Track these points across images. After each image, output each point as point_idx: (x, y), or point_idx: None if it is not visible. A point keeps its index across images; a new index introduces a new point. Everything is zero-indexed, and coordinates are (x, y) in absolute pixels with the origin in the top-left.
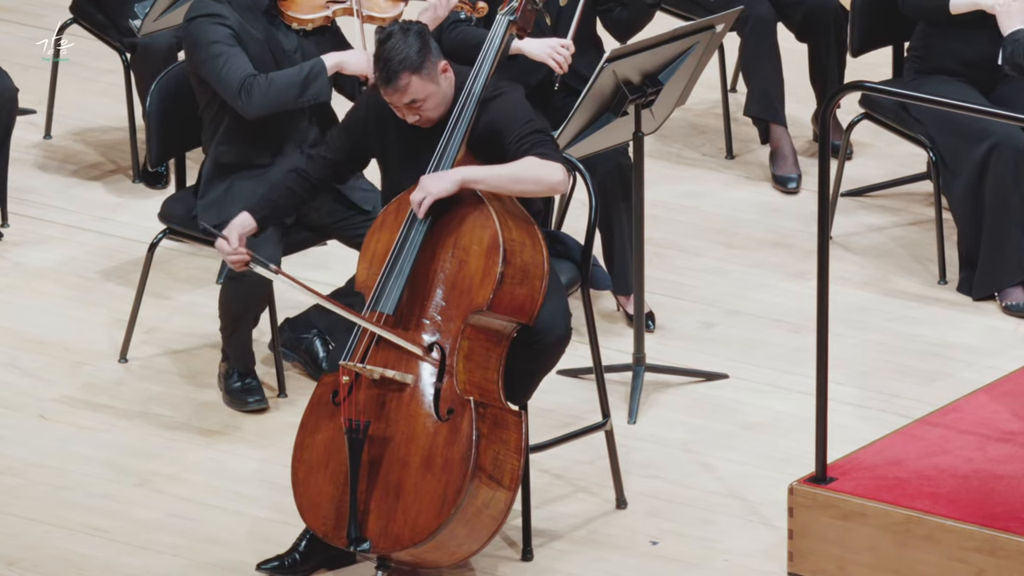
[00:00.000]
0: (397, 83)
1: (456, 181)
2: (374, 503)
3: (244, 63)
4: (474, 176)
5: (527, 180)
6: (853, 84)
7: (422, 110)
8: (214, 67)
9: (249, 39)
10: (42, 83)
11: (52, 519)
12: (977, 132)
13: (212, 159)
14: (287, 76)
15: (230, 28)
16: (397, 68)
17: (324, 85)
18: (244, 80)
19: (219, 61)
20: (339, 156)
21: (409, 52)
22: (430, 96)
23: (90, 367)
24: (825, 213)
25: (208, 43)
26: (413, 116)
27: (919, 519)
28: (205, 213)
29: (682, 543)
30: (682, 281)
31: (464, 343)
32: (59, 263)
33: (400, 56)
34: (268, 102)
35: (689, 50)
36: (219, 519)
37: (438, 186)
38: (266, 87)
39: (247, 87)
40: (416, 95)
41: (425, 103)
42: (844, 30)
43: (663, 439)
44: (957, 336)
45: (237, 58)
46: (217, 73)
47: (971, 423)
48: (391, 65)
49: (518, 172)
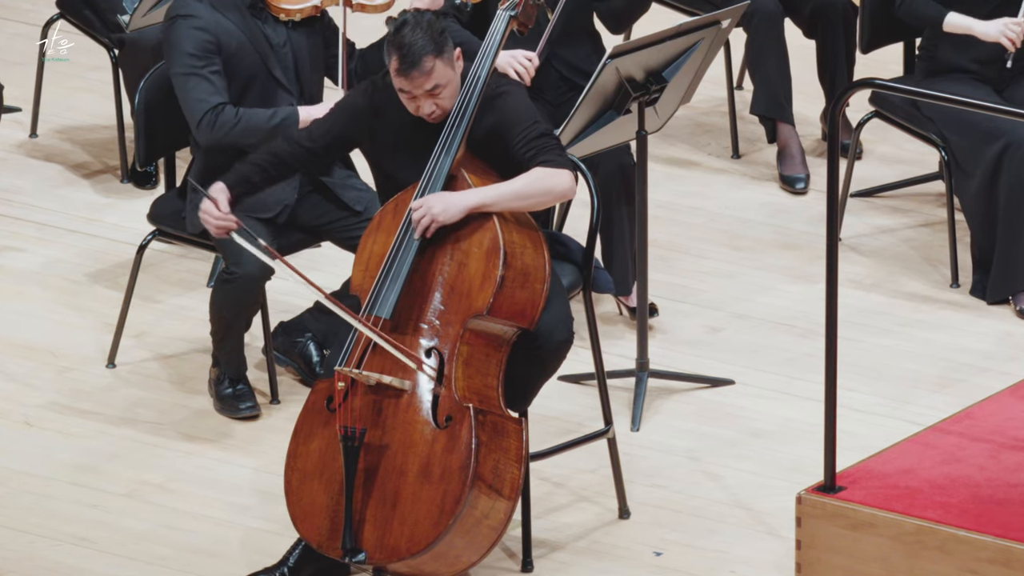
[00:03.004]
0: (423, 66)
1: (465, 208)
2: (370, 513)
3: (215, 87)
4: (483, 200)
5: (537, 194)
6: (863, 81)
7: (441, 97)
8: (183, 86)
9: (229, 39)
10: (28, 80)
11: (38, 529)
12: (991, 131)
13: (202, 163)
14: (257, 118)
15: (206, 32)
16: (420, 52)
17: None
18: (210, 109)
19: (189, 81)
20: (319, 143)
21: (432, 34)
22: (450, 82)
23: (77, 372)
24: (834, 214)
25: (182, 54)
26: (430, 107)
27: (931, 529)
28: (193, 213)
29: (687, 554)
30: (686, 284)
31: (463, 348)
32: (45, 265)
33: (422, 41)
34: (228, 139)
35: (694, 46)
36: (210, 530)
37: (446, 213)
38: (232, 124)
39: (212, 116)
40: (440, 80)
41: (445, 89)
42: (853, 26)
43: (667, 447)
44: (970, 341)
45: (208, 80)
46: (185, 93)
47: (985, 430)
48: (413, 50)
49: (527, 187)
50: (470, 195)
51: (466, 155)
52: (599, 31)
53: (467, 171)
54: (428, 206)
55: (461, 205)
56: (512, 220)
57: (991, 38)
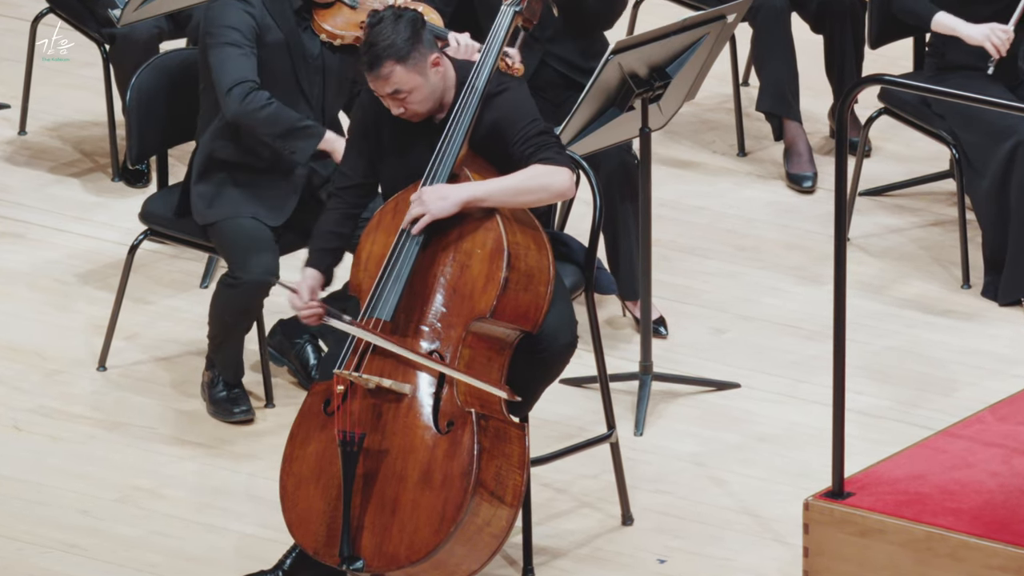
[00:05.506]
0: (380, 70)
1: (459, 201)
2: (368, 519)
3: (251, 64)
4: (478, 194)
5: (533, 190)
6: (872, 78)
7: (406, 102)
8: (219, 52)
9: (270, 36)
10: (17, 76)
11: (27, 536)
12: (1003, 129)
13: (206, 154)
14: (286, 114)
15: (254, 20)
16: (381, 54)
17: (308, 148)
18: (243, 81)
19: (227, 50)
20: (357, 178)
21: (396, 39)
22: (416, 89)
23: (67, 375)
24: (842, 213)
25: (225, 25)
26: (398, 108)
27: (941, 536)
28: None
29: (691, 561)
30: (691, 285)
31: (465, 352)
32: (34, 266)
33: (386, 43)
34: (249, 119)
35: (699, 41)
36: (203, 536)
37: (439, 205)
38: (262, 105)
39: (242, 90)
40: (400, 85)
41: (410, 95)
42: (862, 20)
43: (671, 452)
44: (981, 343)
45: (246, 56)
46: (220, 58)
47: (996, 435)
48: (375, 50)
49: (523, 183)
50: (465, 188)
51: (468, 153)
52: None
53: (469, 169)
54: (423, 199)
55: (455, 198)
56: (515, 220)
57: (976, 42)
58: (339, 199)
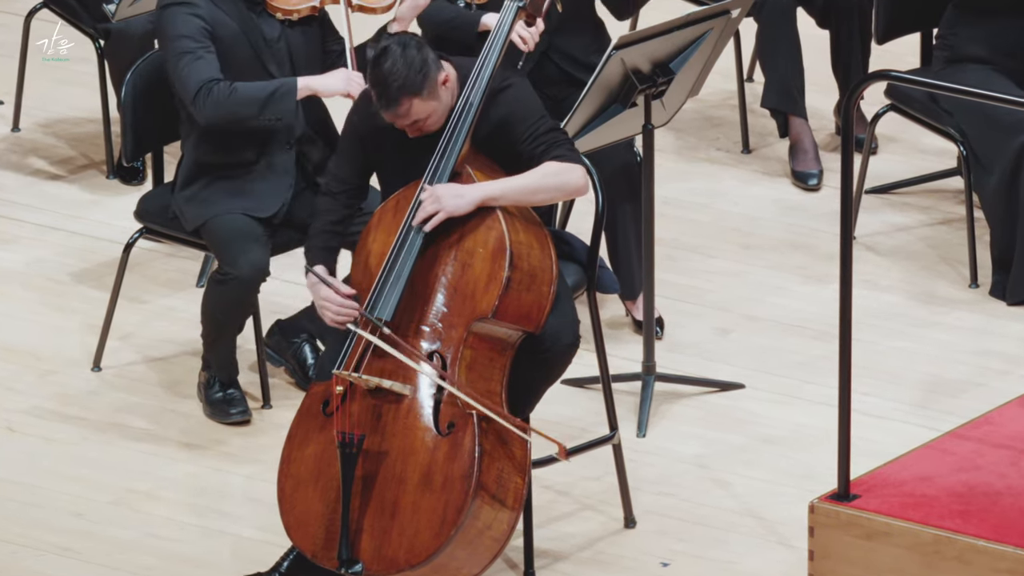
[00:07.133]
0: (397, 109)
1: (475, 200)
2: (368, 522)
3: (209, 65)
4: (494, 193)
5: (548, 189)
6: (878, 73)
7: (424, 126)
8: (176, 64)
9: (223, 30)
10: (10, 72)
11: (20, 539)
12: (1012, 125)
13: (192, 159)
14: (252, 89)
15: (202, 20)
16: (396, 95)
17: (289, 106)
18: (205, 83)
19: (183, 59)
20: (352, 181)
21: (408, 73)
22: (432, 113)
23: (61, 376)
24: (848, 211)
25: (176, 36)
26: (414, 131)
27: (949, 539)
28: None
29: (695, 565)
30: (695, 284)
31: (466, 352)
32: (27, 265)
33: (399, 81)
34: (224, 112)
35: (703, 36)
36: (199, 539)
37: (455, 203)
38: (226, 95)
39: (206, 91)
40: (418, 115)
41: (427, 120)
42: (868, 16)
43: (674, 453)
44: (990, 343)
45: (203, 59)
46: (178, 71)
47: (1005, 436)
48: (390, 91)
49: (538, 182)
50: (481, 188)
51: (470, 151)
52: (604, 20)
53: (471, 167)
54: (438, 196)
55: (471, 197)
56: (518, 218)
57: None
58: (332, 199)
